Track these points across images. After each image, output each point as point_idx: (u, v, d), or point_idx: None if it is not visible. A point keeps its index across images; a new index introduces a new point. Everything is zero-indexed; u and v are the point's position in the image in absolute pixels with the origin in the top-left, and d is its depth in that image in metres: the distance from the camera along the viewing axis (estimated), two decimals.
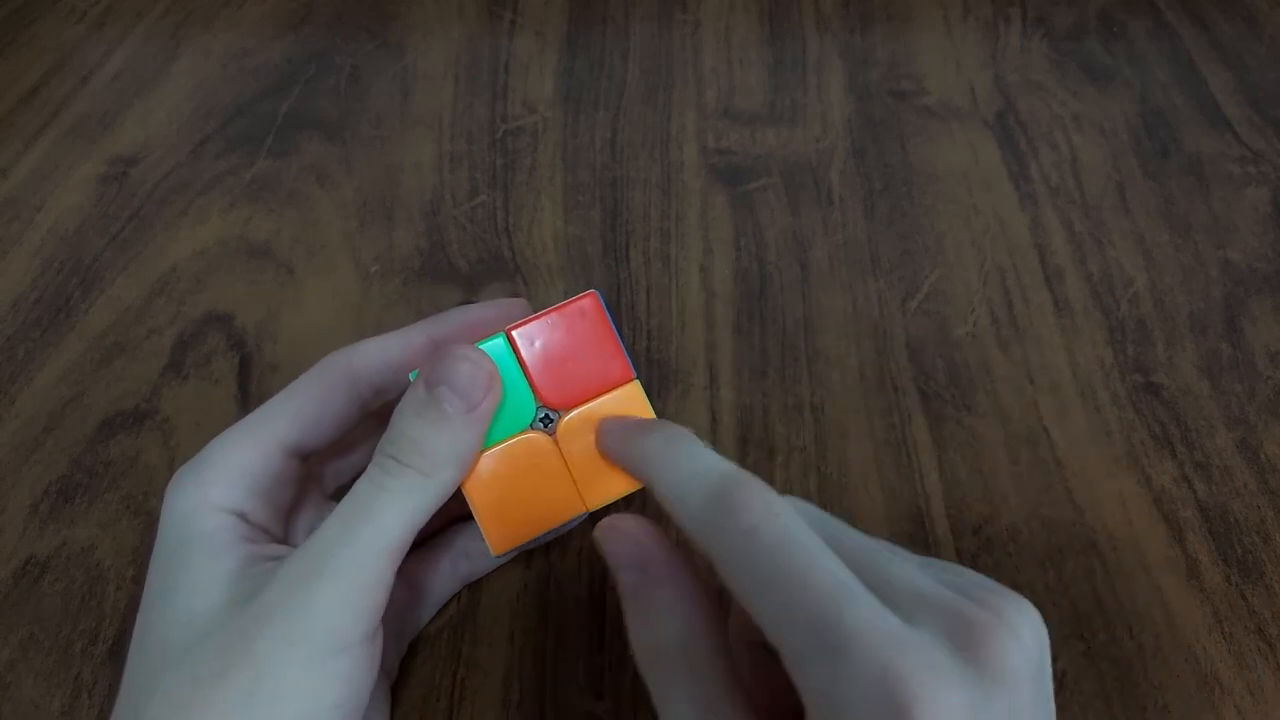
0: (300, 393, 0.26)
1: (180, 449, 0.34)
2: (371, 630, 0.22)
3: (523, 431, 0.25)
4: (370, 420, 0.27)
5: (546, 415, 0.25)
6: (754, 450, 0.34)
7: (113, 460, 0.34)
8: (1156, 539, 0.31)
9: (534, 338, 0.25)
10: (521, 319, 0.25)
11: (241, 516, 0.24)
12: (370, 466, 0.23)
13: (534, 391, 0.25)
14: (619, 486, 0.25)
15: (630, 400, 0.25)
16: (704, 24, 0.50)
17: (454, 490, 0.23)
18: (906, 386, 0.35)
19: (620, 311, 0.38)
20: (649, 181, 0.43)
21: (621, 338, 0.26)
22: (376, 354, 0.26)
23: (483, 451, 0.24)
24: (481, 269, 0.39)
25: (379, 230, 0.41)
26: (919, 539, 0.31)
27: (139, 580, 0.31)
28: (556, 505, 0.25)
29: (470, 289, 0.39)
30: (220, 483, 0.24)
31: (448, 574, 0.30)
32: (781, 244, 0.40)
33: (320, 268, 0.40)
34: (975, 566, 0.31)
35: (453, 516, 0.30)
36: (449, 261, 0.40)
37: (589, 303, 0.25)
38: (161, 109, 0.46)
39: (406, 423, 0.23)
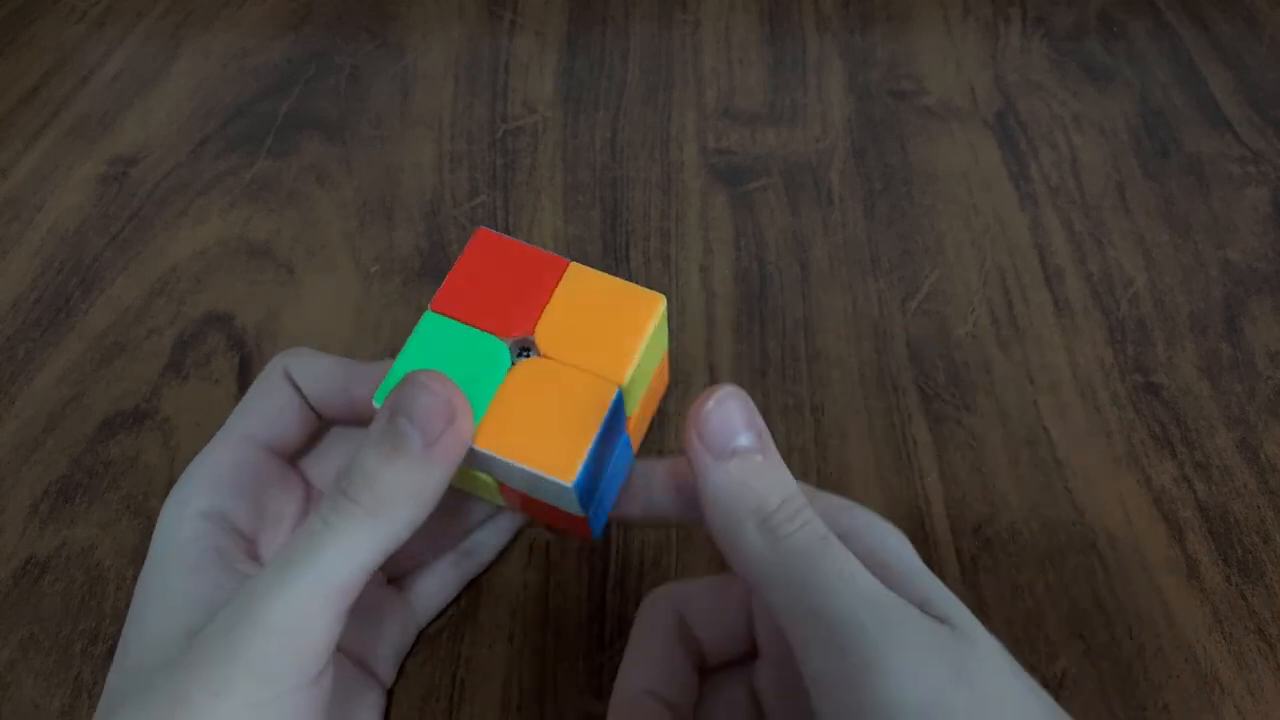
0: (256, 393, 0.26)
1: (180, 449, 0.34)
2: (313, 674, 0.21)
3: (510, 371, 0.23)
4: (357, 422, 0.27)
5: (522, 345, 0.24)
6: None
7: (113, 460, 0.34)
8: (1156, 539, 0.31)
9: (456, 294, 0.24)
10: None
11: (223, 518, 0.24)
12: (322, 501, 0.22)
13: (494, 334, 0.24)
14: (629, 348, 0.23)
15: (581, 278, 0.24)
16: (704, 24, 0.50)
17: (410, 531, 0.21)
18: (906, 386, 0.35)
19: None
20: (649, 181, 0.43)
21: (532, 245, 0.25)
22: (309, 360, 0.26)
23: (485, 411, 0.23)
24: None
25: (379, 230, 0.41)
26: (919, 539, 0.31)
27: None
28: (589, 400, 0.22)
29: None
30: (200, 489, 0.24)
31: (449, 577, 0.30)
32: (781, 244, 0.40)
33: (320, 268, 0.40)
34: (975, 567, 0.31)
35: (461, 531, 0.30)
36: (449, 261, 0.40)
37: (482, 236, 0.25)
38: (161, 109, 0.46)
39: (363, 454, 0.21)
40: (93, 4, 0.52)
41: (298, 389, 0.26)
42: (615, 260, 0.39)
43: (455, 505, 0.28)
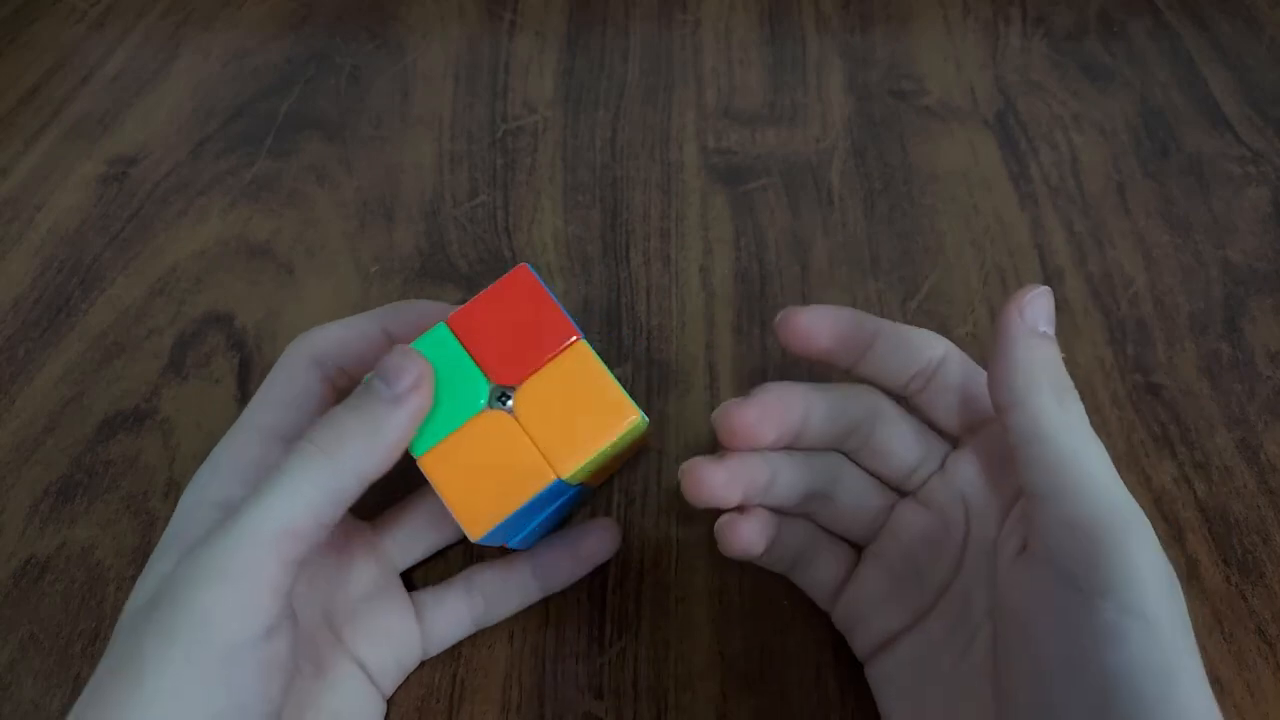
0: (275, 381, 0.26)
1: (180, 449, 0.34)
2: (263, 628, 0.21)
3: (479, 413, 0.24)
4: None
5: (503, 393, 0.25)
6: None
7: (113, 460, 0.34)
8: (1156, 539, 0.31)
9: (472, 319, 0.25)
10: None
11: (232, 509, 0.24)
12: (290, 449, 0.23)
13: (483, 372, 0.25)
14: (585, 448, 0.24)
15: (580, 360, 0.25)
16: (704, 24, 0.50)
17: (360, 479, 0.22)
18: None
19: (620, 311, 0.38)
20: (649, 181, 0.43)
21: (560, 303, 0.25)
22: (335, 336, 0.27)
23: (443, 438, 0.24)
24: (481, 269, 0.39)
25: (379, 230, 0.41)
26: None
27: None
28: (526, 477, 0.24)
29: (470, 289, 0.39)
30: (217, 477, 0.25)
31: (463, 615, 0.29)
32: (781, 244, 0.40)
33: (320, 268, 0.40)
34: None
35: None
36: (449, 261, 0.40)
37: (520, 274, 0.25)
38: (161, 109, 0.46)
39: (334, 409, 0.23)
40: (93, 4, 0.52)
41: (320, 372, 0.26)
42: (615, 260, 0.39)
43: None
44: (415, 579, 0.31)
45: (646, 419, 0.25)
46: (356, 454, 0.22)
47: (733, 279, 0.39)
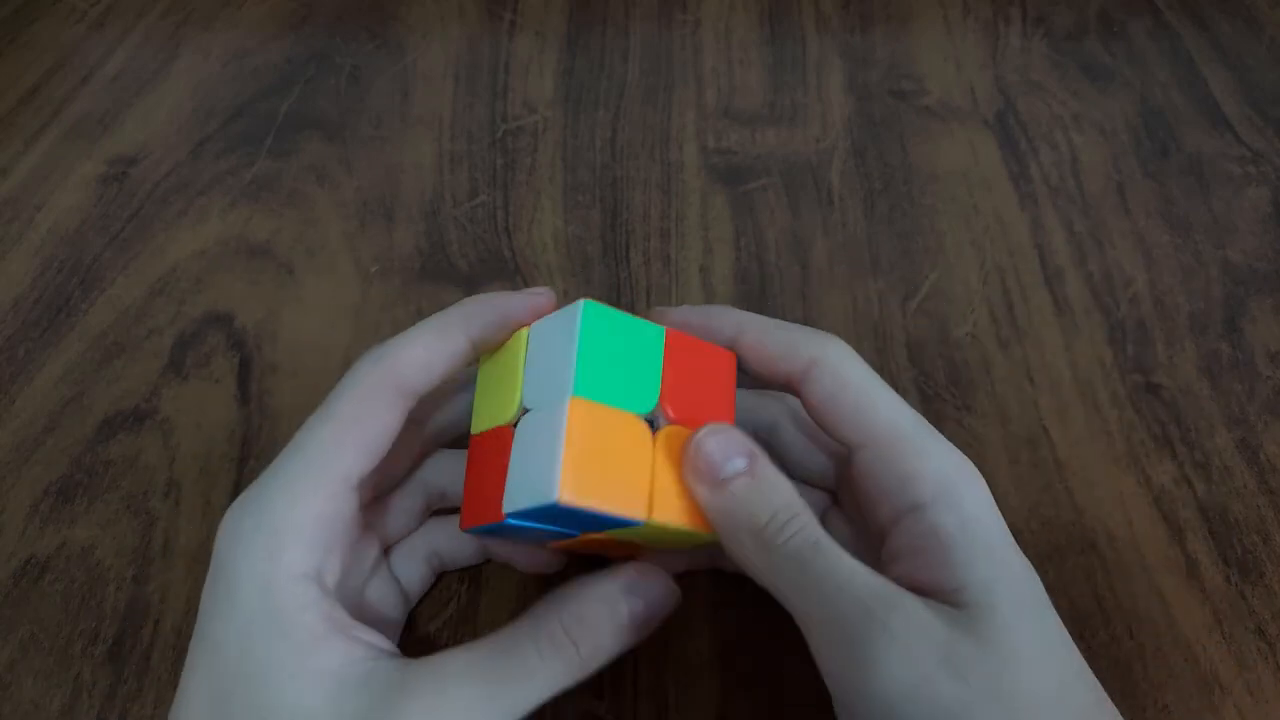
0: (355, 418, 0.23)
1: (180, 449, 0.34)
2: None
3: (637, 414, 0.24)
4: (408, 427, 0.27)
5: (653, 419, 0.24)
6: None
7: (113, 460, 0.34)
8: (1156, 539, 0.31)
9: (683, 349, 0.25)
10: (549, 307, 0.26)
11: (319, 581, 0.22)
12: (536, 628, 0.23)
13: (660, 391, 0.24)
14: (685, 518, 0.24)
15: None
16: (704, 24, 0.50)
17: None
18: (907, 387, 0.35)
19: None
20: (649, 181, 0.43)
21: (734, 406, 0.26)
22: (421, 362, 0.24)
23: (598, 402, 0.23)
24: (481, 269, 0.39)
25: (379, 230, 0.41)
26: None
27: (139, 581, 0.31)
28: (627, 495, 0.23)
29: (470, 289, 0.39)
30: (298, 545, 0.22)
31: (423, 572, 0.29)
32: (781, 244, 0.40)
33: (320, 268, 0.40)
34: None
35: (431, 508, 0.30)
36: (449, 261, 0.40)
37: (730, 355, 0.26)
38: (161, 109, 0.46)
39: (597, 615, 0.23)
40: (93, 4, 0.52)
41: (404, 407, 0.24)
42: (615, 260, 0.39)
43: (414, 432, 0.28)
44: None
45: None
46: (603, 657, 0.24)
47: (733, 279, 0.39)
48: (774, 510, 0.23)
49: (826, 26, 0.50)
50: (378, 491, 0.28)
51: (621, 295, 0.38)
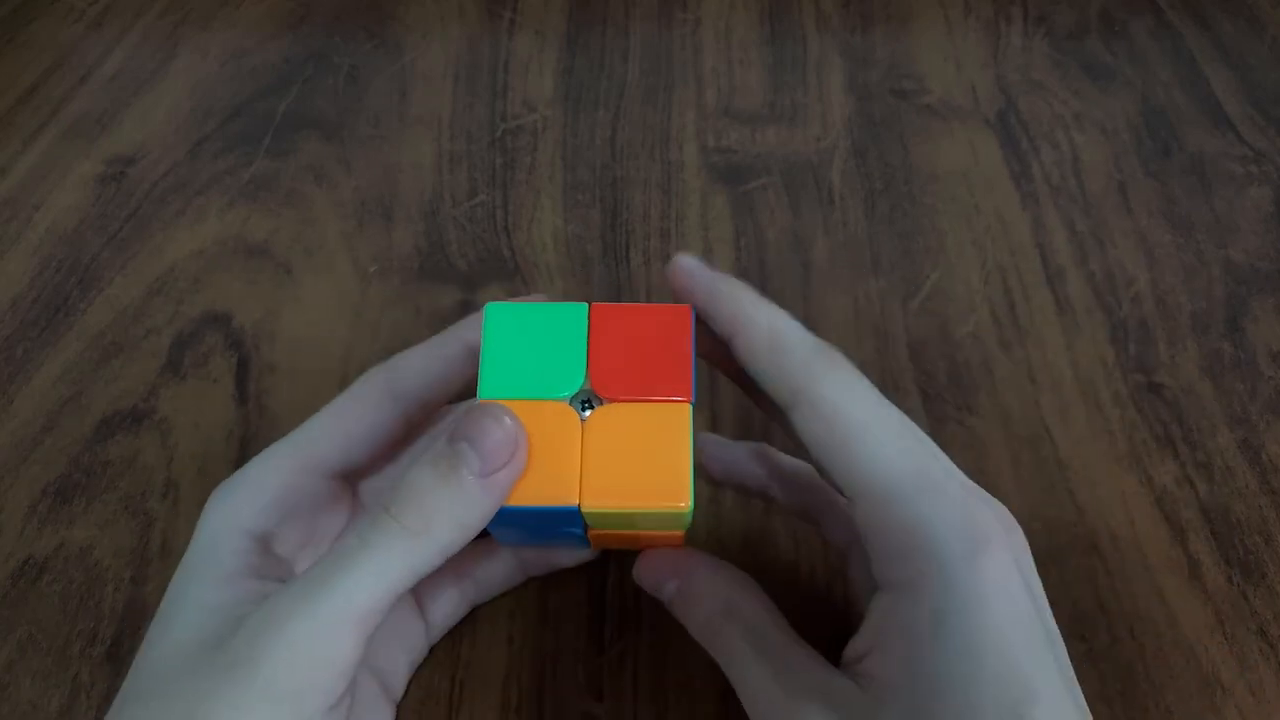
0: (344, 412, 0.25)
1: (178, 449, 0.34)
2: (335, 698, 0.21)
3: (555, 400, 0.23)
4: (412, 435, 0.27)
5: (587, 399, 0.23)
6: None
7: (111, 460, 0.34)
8: (1158, 539, 0.31)
9: (612, 319, 0.24)
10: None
11: (265, 541, 0.24)
12: (361, 517, 0.22)
13: (587, 370, 0.24)
14: (619, 499, 0.23)
15: (675, 421, 0.23)
16: (704, 24, 0.50)
17: (445, 558, 0.21)
18: (908, 387, 0.35)
19: None
20: (649, 181, 0.42)
21: (696, 363, 0.24)
22: (417, 368, 0.25)
23: (509, 398, 0.23)
24: (481, 269, 0.39)
25: (378, 230, 0.41)
26: None
27: (137, 581, 0.31)
28: (552, 486, 0.22)
29: (470, 289, 0.38)
30: (254, 503, 0.24)
31: (456, 603, 0.29)
32: (782, 244, 0.40)
33: (319, 267, 0.39)
34: None
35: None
36: (448, 261, 0.39)
37: (682, 312, 0.24)
38: (159, 108, 0.46)
39: (415, 473, 0.21)
40: (90, 3, 0.52)
41: (399, 409, 0.25)
42: (615, 260, 0.39)
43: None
44: None
45: (690, 515, 0.23)
46: (443, 534, 0.21)
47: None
48: (700, 621, 0.25)
49: (827, 26, 0.50)
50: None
51: (622, 295, 0.38)
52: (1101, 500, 0.32)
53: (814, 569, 0.31)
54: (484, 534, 0.28)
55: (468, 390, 0.26)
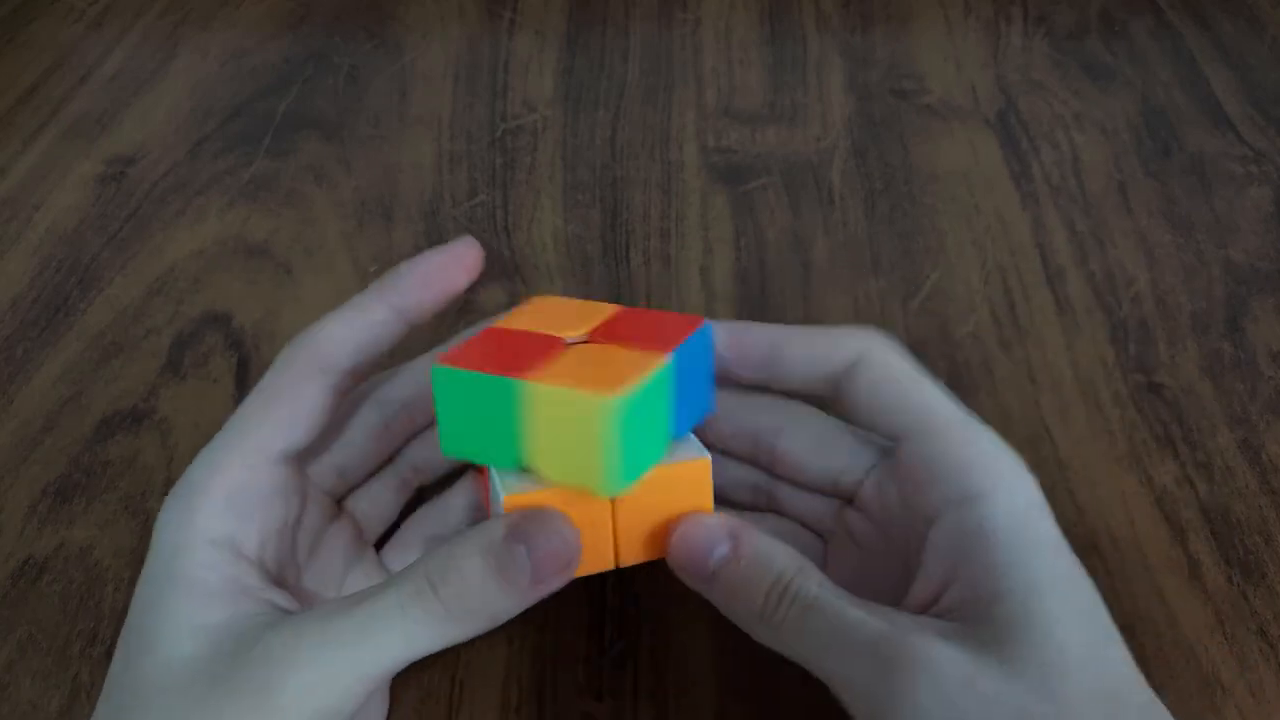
0: (276, 395, 0.24)
1: (178, 449, 0.34)
2: None
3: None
4: (345, 403, 0.26)
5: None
6: None
7: (111, 460, 0.34)
8: (1158, 539, 0.31)
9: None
10: (475, 258, 0.25)
11: (232, 548, 0.23)
12: (403, 577, 0.21)
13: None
14: (655, 551, 0.24)
15: (693, 478, 0.23)
16: (704, 24, 0.50)
17: (472, 637, 0.22)
18: None
19: None
20: (649, 181, 0.42)
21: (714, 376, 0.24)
22: (343, 338, 0.24)
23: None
24: (481, 268, 0.39)
25: (377, 230, 0.41)
26: None
27: (137, 581, 0.31)
28: (588, 554, 0.23)
29: (470, 288, 0.38)
30: (208, 509, 0.23)
31: (391, 499, 0.28)
32: (782, 244, 0.40)
33: (318, 267, 0.40)
34: None
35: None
36: None
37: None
38: (159, 109, 0.46)
39: (469, 560, 0.21)
40: (90, 3, 0.52)
41: (327, 383, 0.24)
42: (615, 260, 0.39)
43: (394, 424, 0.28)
44: None
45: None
46: (480, 624, 0.21)
47: (733, 279, 0.39)
48: (765, 590, 0.22)
49: (827, 26, 0.50)
50: (345, 477, 0.28)
51: (621, 295, 0.38)
52: (1101, 500, 0.32)
53: None
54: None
55: (394, 356, 0.26)
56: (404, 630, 0.21)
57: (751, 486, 0.28)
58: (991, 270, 0.39)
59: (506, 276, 0.39)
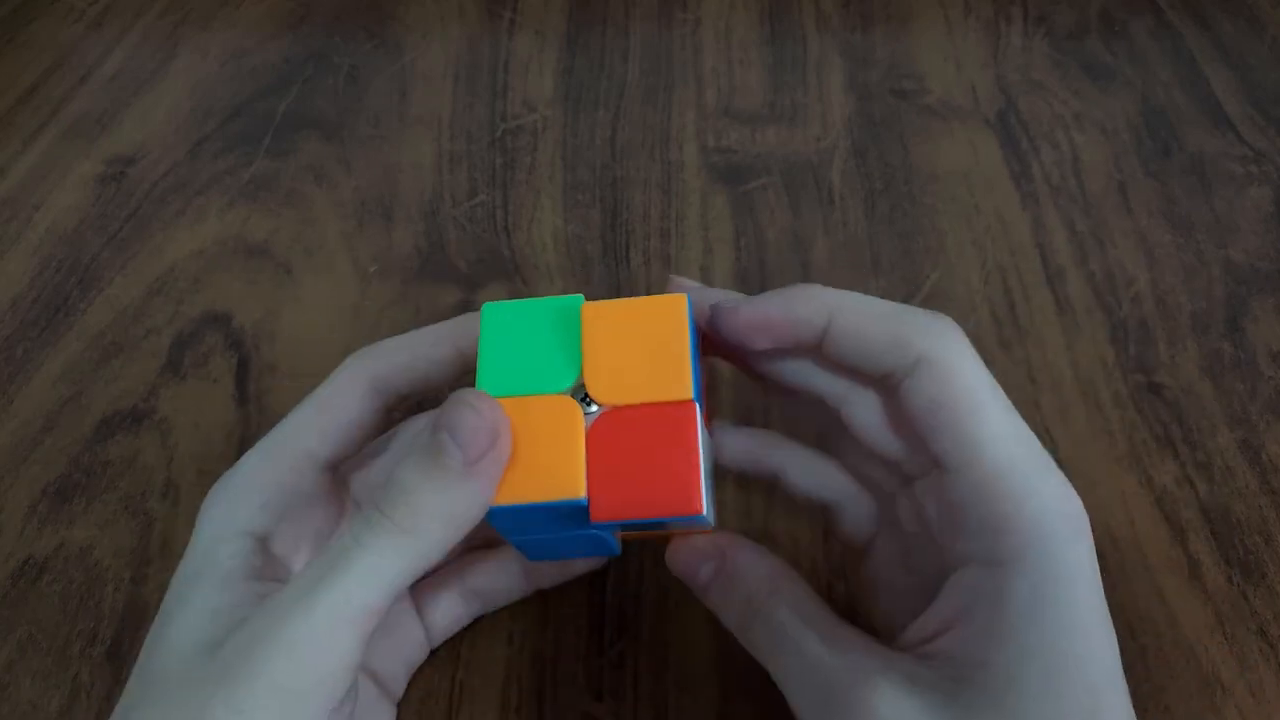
0: (329, 404, 0.25)
1: (178, 449, 0.34)
2: (338, 697, 0.21)
3: (555, 394, 0.23)
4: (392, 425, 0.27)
5: (586, 397, 0.23)
6: None
7: (111, 460, 0.34)
8: (1158, 540, 0.31)
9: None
10: None
11: (263, 542, 0.24)
12: (354, 515, 0.22)
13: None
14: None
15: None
16: (704, 24, 0.50)
17: (441, 553, 0.21)
18: None
19: None
20: (649, 181, 0.42)
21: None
22: (401, 361, 0.25)
23: (505, 396, 0.22)
24: (481, 269, 0.39)
25: (378, 230, 0.41)
26: None
27: (137, 581, 0.31)
28: (556, 480, 0.22)
29: (470, 289, 0.38)
30: (250, 503, 0.24)
31: (458, 611, 0.29)
32: (782, 244, 0.40)
33: (318, 267, 0.40)
34: None
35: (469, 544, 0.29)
36: (448, 261, 0.39)
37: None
38: (159, 108, 0.46)
39: (402, 469, 0.21)
40: (90, 3, 0.52)
41: (379, 401, 0.25)
42: (615, 260, 0.39)
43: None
44: None
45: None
46: (434, 529, 0.21)
47: (733, 279, 0.39)
48: (740, 606, 0.23)
49: (827, 25, 0.50)
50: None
51: (622, 295, 0.38)
52: (1101, 500, 0.32)
53: (815, 569, 0.31)
54: (490, 541, 0.28)
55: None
56: (368, 563, 0.20)
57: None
58: (991, 270, 0.39)
59: (506, 277, 0.39)
